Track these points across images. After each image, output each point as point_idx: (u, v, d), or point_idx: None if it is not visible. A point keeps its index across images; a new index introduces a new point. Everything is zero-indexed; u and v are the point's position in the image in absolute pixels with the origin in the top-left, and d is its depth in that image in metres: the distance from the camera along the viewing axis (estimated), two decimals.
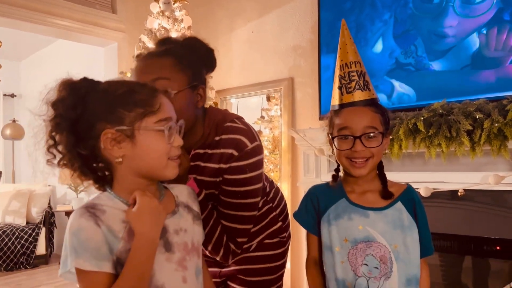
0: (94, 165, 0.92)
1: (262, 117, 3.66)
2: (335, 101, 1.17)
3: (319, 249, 1.19)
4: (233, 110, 3.83)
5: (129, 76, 2.67)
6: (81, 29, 3.49)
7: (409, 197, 1.13)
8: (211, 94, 2.88)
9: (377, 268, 1.07)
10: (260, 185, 1.21)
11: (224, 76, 3.60)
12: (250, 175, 1.16)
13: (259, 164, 1.19)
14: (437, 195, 2.13)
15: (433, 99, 2.11)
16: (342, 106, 1.14)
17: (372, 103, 1.13)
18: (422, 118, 2.03)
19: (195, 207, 1.03)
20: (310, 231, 1.21)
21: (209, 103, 2.77)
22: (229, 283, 1.34)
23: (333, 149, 1.16)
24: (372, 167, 1.12)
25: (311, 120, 2.85)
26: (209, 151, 1.16)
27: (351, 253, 1.09)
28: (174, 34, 2.71)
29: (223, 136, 1.17)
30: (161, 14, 2.71)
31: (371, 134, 1.09)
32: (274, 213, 1.37)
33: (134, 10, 3.67)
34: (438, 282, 2.28)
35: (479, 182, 2.00)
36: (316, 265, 1.21)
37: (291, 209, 3.07)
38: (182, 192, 1.02)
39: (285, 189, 3.16)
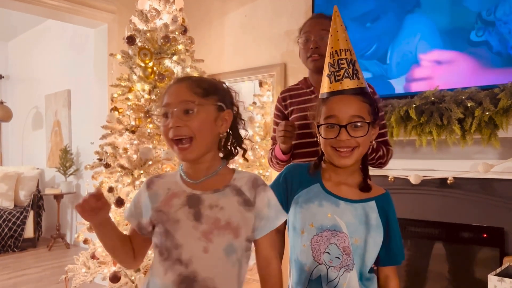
0: None
1: (254, 103, 3.64)
2: (323, 89, 1.14)
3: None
4: None
5: (118, 58, 2.62)
6: (71, 9, 3.41)
7: (385, 202, 1.13)
8: None
9: (338, 258, 1.07)
10: None
11: (216, 61, 3.56)
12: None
13: None
14: (426, 183, 2.14)
15: None
16: (330, 94, 1.11)
17: (361, 92, 1.10)
18: (414, 105, 2.02)
19: (248, 194, 1.05)
20: None
21: None
22: None
23: (318, 138, 1.15)
24: (357, 158, 1.10)
25: None
26: None
27: (315, 239, 1.09)
28: (165, 16, 2.66)
29: None
30: None
31: (358, 124, 1.07)
32: None
33: None
34: (427, 269, 2.30)
35: (469, 170, 2.01)
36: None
37: None
38: (242, 177, 1.08)
39: (275, 176, 3.15)
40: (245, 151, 1.14)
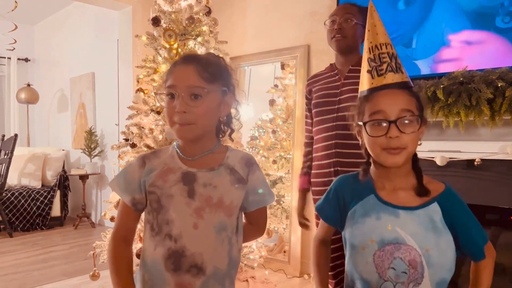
0: None
1: (276, 85, 3.63)
2: (364, 86, 1.08)
3: (328, 233, 1.20)
4: (246, 78, 3.80)
5: (144, 39, 2.65)
6: None
7: (448, 200, 1.04)
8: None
9: (405, 273, 0.99)
10: None
11: (238, 42, 3.56)
12: None
13: None
14: (453, 164, 2.12)
15: None
16: (372, 90, 1.05)
17: (406, 87, 1.05)
18: (441, 86, 1.99)
19: (241, 172, 1.08)
20: (331, 225, 1.16)
21: None
22: None
23: (362, 140, 1.07)
24: (407, 157, 1.02)
25: None
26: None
27: (378, 255, 1.01)
28: None
29: None
30: None
31: (408, 119, 0.98)
32: None
33: None
34: None
35: (497, 152, 1.98)
36: (323, 244, 1.21)
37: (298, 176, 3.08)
38: (235, 156, 1.10)
39: (297, 158, 3.17)
40: (232, 131, 1.14)
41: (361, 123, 1.05)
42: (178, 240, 0.99)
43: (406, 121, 0.99)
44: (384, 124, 0.99)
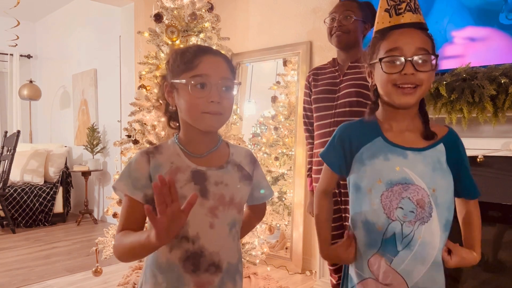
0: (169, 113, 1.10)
1: (278, 82, 3.63)
2: (380, 25, 1.08)
3: (331, 182, 1.20)
4: (248, 75, 3.80)
5: (146, 36, 2.65)
6: None
7: (452, 140, 1.08)
8: None
9: (412, 212, 1.01)
10: None
11: (240, 39, 3.55)
12: None
13: None
14: None
15: None
16: (390, 29, 1.06)
17: (422, 28, 1.06)
18: (444, 82, 1.99)
19: (248, 168, 1.10)
20: (336, 172, 1.16)
21: None
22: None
23: (372, 81, 1.09)
24: (419, 97, 1.04)
25: None
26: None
27: (385, 195, 1.02)
28: None
29: None
30: None
31: (424, 58, 1.00)
32: None
33: None
34: None
35: (500, 149, 1.97)
36: (326, 195, 1.21)
37: (304, 176, 3.09)
38: (239, 153, 1.11)
39: (300, 155, 3.17)
40: None
41: (375, 61, 1.06)
42: (196, 241, 0.98)
43: (422, 60, 1.01)
44: (398, 63, 1.01)
